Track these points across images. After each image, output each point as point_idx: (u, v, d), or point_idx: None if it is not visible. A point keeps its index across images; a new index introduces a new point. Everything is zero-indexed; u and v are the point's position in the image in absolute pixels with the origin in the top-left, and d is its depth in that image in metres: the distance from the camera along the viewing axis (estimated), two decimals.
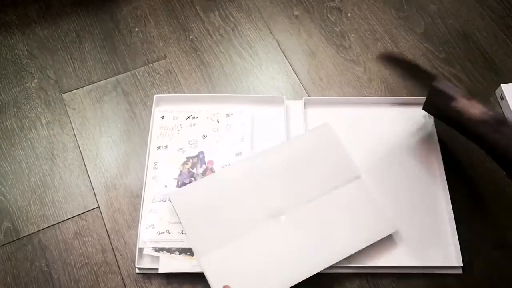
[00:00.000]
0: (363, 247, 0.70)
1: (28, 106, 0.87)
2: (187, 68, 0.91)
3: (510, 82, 0.87)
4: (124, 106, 0.87)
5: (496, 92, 0.88)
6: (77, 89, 0.89)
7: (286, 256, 0.70)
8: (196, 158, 0.80)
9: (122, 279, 0.72)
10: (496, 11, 0.98)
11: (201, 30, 0.96)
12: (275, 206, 0.74)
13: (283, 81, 0.90)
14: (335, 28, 0.96)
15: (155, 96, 0.85)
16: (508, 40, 0.94)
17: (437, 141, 0.81)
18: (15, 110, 0.86)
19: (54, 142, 0.83)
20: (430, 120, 0.83)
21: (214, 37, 0.95)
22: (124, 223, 0.76)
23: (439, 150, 0.80)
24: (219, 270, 0.69)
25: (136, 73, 0.90)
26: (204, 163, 0.79)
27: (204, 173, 0.78)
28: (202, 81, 0.90)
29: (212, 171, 0.78)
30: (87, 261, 0.73)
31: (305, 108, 0.84)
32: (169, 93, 0.88)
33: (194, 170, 0.79)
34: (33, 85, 0.89)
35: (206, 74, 0.91)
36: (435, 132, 0.82)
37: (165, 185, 0.77)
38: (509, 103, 0.84)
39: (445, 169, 0.78)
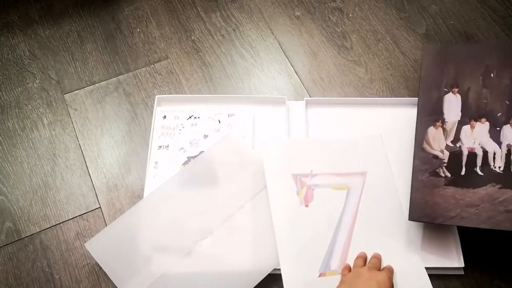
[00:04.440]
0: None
1: (29, 106, 0.87)
2: (188, 69, 0.91)
3: None
4: (125, 107, 0.87)
5: None
6: (78, 89, 0.89)
7: (222, 278, 0.68)
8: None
9: None
10: (498, 12, 0.98)
11: (203, 31, 0.96)
12: (196, 231, 0.72)
13: (284, 82, 0.90)
14: (336, 29, 0.96)
15: (157, 96, 0.85)
16: (509, 40, 0.94)
17: None
18: (16, 110, 0.86)
19: (55, 142, 0.83)
20: None
21: (215, 37, 0.95)
22: None
23: None
24: None
25: (138, 73, 0.91)
26: None
27: None
28: (204, 82, 0.90)
29: None
30: (88, 261, 0.73)
31: (306, 108, 0.84)
32: (170, 93, 0.88)
33: None
34: (35, 85, 0.89)
35: (207, 74, 0.91)
36: None
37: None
38: None
39: None
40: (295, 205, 0.73)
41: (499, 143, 0.68)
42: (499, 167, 0.67)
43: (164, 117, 0.84)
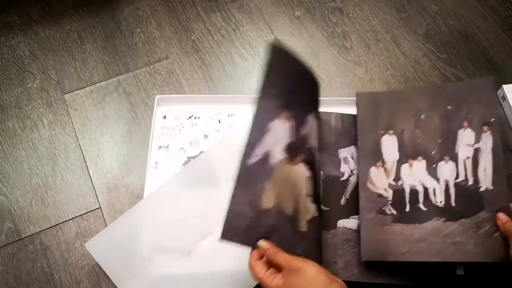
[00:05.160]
0: None
1: (29, 106, 0.87)
2: (188, 69, 0.91)
3: (511, 83, 0.87)
4: (125, 107, 0.87)
5: (498, 93, 0.88)
6: (78, 89, 0.89)
7: (222, 278, 0.68)
8: None
9: None
10: (498, 12, 0.98)
11: (203, 31, 0.96)
12: (196, 231, 0.72)
13: None
14: (336, 29, 0.96)
15: (157, 96, 0.85)
16: (509, 40, 0.94)
17: None
18: (16, 110, 0.86)
19: (55, 142, 0.83)
20: None
21: (215, 37, 0.95)
22: None
23: None
24: None
25: (138, 73, 0.91)
26: None
27: None
28: (204, 82, 0.90)
29: None
30: (88, 261, 0.73)
31: None
32: (170, 93, 0.88)
33: None
34: (35, 85, 0.89)
35: (207, 74, 0.91)
36: None
37: None
38: (511, 104, 0.84)
39: None
40: None
41: (437, 179, 0.70)
42: (441, 202, 0.69)
43: (164, 117, 0.84)
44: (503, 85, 0.86)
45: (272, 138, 0.64)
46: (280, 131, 0.65)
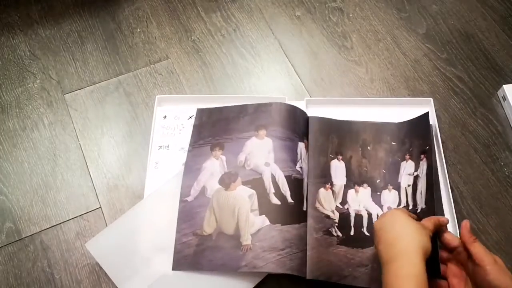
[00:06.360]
0: None
1: (30, 106, 0.87)
2: (188, 69, 0.91)
3: None
4: (126, 107, 0.87)
5: (498, 92, 0.88)
6: (79, 89, 0.89)
7: (222, 278, 0.68)
8: None
9: None
10: (498, 12, 0.98)
11: (203, 31, 0.96)
12: None
13: (284, 82, 0.90)
14: (336, 29, 0.96)
15: (157, 96, 0.85)
16: (510, 40, 0.94)
17: (439, 141, 0.81)
18: (17, 110, 0.86)
19: (56, 142, 0.83)
20: (433, 120, 0.83)
21: (216, 37, 0.95)
22: None
23: (441, 150, 0.79)
24: None
25: (138, 73, 0.91)
26: None
27: None
28: (204, 82, 0.90)
29: None
30: (88, 261, 0.73)
31: (307, 108, 0.84)
32: (170, 93, 0.88)
33: None
34: (35, 85, 0.89)
35: (207, 74, 0.91)
36: (438, 132, 0.81)
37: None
38: (511, 104, 0.84)
39: (447, 169, 0.78)
40: None
41: (381, 206, 0.75)
42: None
43: (165, 117, 0.84)
44: (503, 85, 0.86)
45: (206, 175, 0.75)
46: (212, 168, 0.76)
